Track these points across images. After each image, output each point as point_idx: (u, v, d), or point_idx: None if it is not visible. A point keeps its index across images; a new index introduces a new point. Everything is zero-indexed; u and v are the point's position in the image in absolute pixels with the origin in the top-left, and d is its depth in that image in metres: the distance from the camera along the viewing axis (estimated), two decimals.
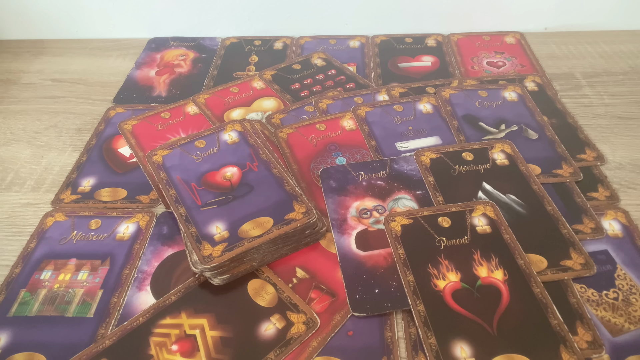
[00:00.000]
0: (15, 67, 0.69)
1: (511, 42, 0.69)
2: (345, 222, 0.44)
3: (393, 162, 0.49)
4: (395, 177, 0.48)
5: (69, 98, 0.63)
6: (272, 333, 0.37)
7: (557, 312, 0.36)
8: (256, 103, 0.59)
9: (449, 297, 0.38)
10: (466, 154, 0.49)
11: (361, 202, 0.46)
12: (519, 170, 0.48)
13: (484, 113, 0.55)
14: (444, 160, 0.49)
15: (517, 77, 0.61)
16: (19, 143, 0.56)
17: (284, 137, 0.53)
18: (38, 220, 0.47)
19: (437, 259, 0.40)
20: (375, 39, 0.71)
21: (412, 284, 0.39)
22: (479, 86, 0.59)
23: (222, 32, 0.73)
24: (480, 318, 0.36)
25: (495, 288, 0.38)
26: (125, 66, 0.68)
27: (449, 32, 0.71)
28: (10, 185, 0.51)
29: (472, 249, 0.41)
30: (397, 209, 0.45)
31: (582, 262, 0.40)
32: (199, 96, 0.59)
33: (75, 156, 0.54)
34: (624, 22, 0.71)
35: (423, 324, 0.36)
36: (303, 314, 0.38)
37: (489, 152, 0.49)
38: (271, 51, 0.70)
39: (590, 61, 0.66)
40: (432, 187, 0.46)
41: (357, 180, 0.48)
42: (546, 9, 0.71)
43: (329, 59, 0.66)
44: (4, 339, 0.38)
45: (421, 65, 0.65)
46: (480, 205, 0.44)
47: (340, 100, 0.58)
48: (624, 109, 0.57)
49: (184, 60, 0.69)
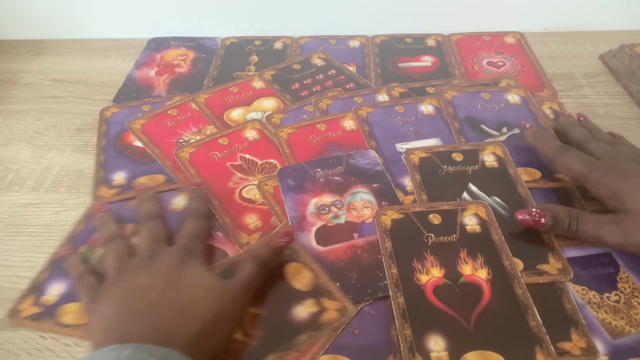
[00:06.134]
0: (15, 67, 0.69)
1: (511, 42, 0.69)
2: (304, 219, 0.44)
3: (349, 158, 0.50)
4: (352, 172, 0.48)
5: (69, 98, 0.63)
6: (306, 316, 0.37)
7: (537, 315, 0.36)
8: (256, 103, 0.59)
9: (429, 291, 0.38)
10: (456, 155, 0.49)
11: (319, 198, 0.46)
12: (507, 173, 0.48)
13: (485, 115, 0.55)
14: (433, 159, 0.49)
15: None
16: (19, 143, 0.56)
17: (284, 137, 0.53)
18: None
19: (422, 254, 0.41)
20: (375, 39, 0.71)
21: (395, 276, 0.39)
22: (482, 88, 0.58)
23: (222, 32, 0.73)
24: (458, 314, 0.37)
25: (477, 286, 0.38)
26: (125, 66, 0.68)
27: (449, 32, 0.71)
28: (10, 185, 0.51)
29: (460, 246, 0.41)
30: (356, 202, 0.45)
31: (560, 267, 0.40)
32: (199, 95, 0.59)
33: (75, 156, 0.54)
34: (624, 22, 0.71)
35: (401, 316, 0.37)
36: (337, 301, 0.38)
37: (480, 154, 0.49)
38: (271, 51, 0.70)
39: (590, 61, 0.66)
40: (418, 186, 0.47)
41: (314, 177, 0.48)
42: (546, 9, 0.71)
43: (329, 59, 0.66)
44: (60, 289, 0.40)
45: (421, 65, 0.65)
46: (473, 205, 0.44)
47: (340, 100, 0.58)
48: (624, 109, 0.57)
49: (184, 60, 0.69)
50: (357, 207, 0.45)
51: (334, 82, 0.62)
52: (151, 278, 0.35)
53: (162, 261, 0.37)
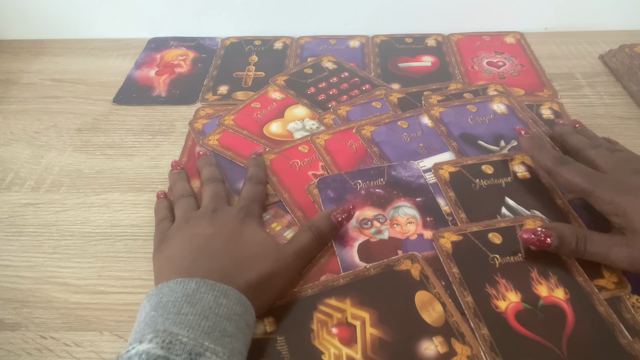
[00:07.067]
0: (15, 67, 0.69)
1: (511, 42, 0.69)
2: (346, 234, 0.43)
3: (391, 169, 0.48)
4: (394, 185, 0.47)
5: (69, 98, 0.63)
6: (432, 354, 0.34)
7: (625, 331, 0.34)
8: (288, 113, 0.57)
9: (512, 318, 0.36)
10: (486, 167, 0.47)
11: (361, 211, 0.44)
12: (541, 184, 0.46)
13: (479, 130, 0.53)
14: (464, 173, 0.47)
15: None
16: (19, 143, 0.56)
17: (322, 144, 0.51)
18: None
19: (493, 278, 0.38)
20: (375, 39, 0.71)
21: (472, 305, 0.37)
22: (466, 101, 0.57)
23: (222, 32, 0.74)
24: (548, 340, 0.34)
25: (558, 308, 0.36)
26: (125, 66, 0.68)
27: (449, 32, 0.71)
28: (10, 185, 0.51)
29: (529, 266, 0.39)
30: (399, 217, 0.44)
31: (616, 281, 0.38)
32: (225, 119, 0.57)
33: (75, 156, 0.54)
34: (624, 22, 0.71)
35: (490, 349, 0.34)
36: (469, 347, 0.35)
37: (509, 165, 0.48)
38: (271, 51, 0.70)
39: (590, 61, 0.66)
40: (454, 204, 0.44)
41: (355, 189, 0.46)
42: (546, 9, 0.71)
43: (340, 61, 0.66)
44: None
45: (421, 65, 0.65)
46: (530, 220, 0.42)
47: (358, 106, 0.57)
48: (624, 109, 0.57)
49: (184, 60, 0.69)
50: (401, 223, 0.43)
51: (349, 84, 0.61)
52: (214, 229, 0.39)
53: (224, 216, 0.41)
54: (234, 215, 0.41)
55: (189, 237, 0.39)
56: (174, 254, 0.38)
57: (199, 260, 0.36)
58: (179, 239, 0.39)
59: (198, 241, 0.38)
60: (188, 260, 0.36)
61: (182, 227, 0.40)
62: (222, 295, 0.32)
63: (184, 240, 0.39)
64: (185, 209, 0.43)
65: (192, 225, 0.40)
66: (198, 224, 0.40)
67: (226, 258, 0.36)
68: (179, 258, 0.37)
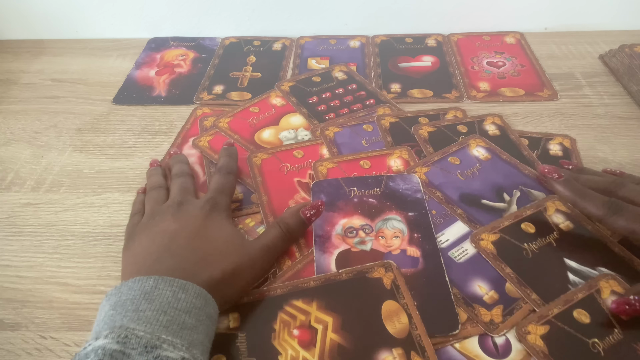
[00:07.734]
0: (15, 67, 0.69)
1: (511, 42, 0.69)
2: (328, 240, 0.42)
3: (389, 180, 0.47)
4: (389, 196, 0.45)
5: (69, 98, 0.63)
6: None
7: None
8: (284, 121, 0.57)
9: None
10: (526, 226, 0.42)
11: (349, 219, 0.43)
12: (589, 232, 0.42)
13: (475, 186, 0.47)
14: (507, 239, 0.41)
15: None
16: (19, 143, 0.56)
17: (324, 172, 0.49)
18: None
19: None
20: (375, 39, 0.71)
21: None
22: (445, 153, 0.50)
23: (222, 32, 0.74)
24: None
25: None
26: (125, 66, 0.68)
27: (449, 32, 0.71)
28: (10, 185, 0.51)
29: (632, 343, 0.35)
30: (386, 230, 0.42)
31: None
32: (220, 121, 0.56)
33: (75, 156, 0.54)
34: (624, 22, 0.71)
35: None
36: None
37: (546, 217, 0.43)
38: (269, 52, 0.70)
39: (590, 61, 0.66)
40: (518, 283, 0.38)
41: (348, 196, 0.45)
42: (546, 9, 0.71)
43: (351, 72, 0.64)
44: None
45: (421, 65, 0.65)
46: (603, 281, 0.38)
47: (348, 127, 0.54)
48: (624, 109, 0.57)
49: (183, 60, 0.69)
50: (387, 236, 0.42)
51: (353, 97, 0.60)
52: (179, 224, 0.39)
53: (189, 210, 0.40)
54: (199, 209, 0.40)
55: (153, 234, 0.39)
56: (138, 252, 0.38)
57: (161, 259, 0.36)
58: (144, 236, 0.39)
59: (161, 239, 0.38)
60: (150, 259, 0.36)
61: (149, 223, 0.40)
62: (181, 290, 0.32)
63: (149, 237, 0.39)
64: (153, 203, 0.43)
65: (158, 222, 0.40)
66: (163, 219, 0.40)
67: (189, 255, 0.36)
68: (141, 257, 0.37)
